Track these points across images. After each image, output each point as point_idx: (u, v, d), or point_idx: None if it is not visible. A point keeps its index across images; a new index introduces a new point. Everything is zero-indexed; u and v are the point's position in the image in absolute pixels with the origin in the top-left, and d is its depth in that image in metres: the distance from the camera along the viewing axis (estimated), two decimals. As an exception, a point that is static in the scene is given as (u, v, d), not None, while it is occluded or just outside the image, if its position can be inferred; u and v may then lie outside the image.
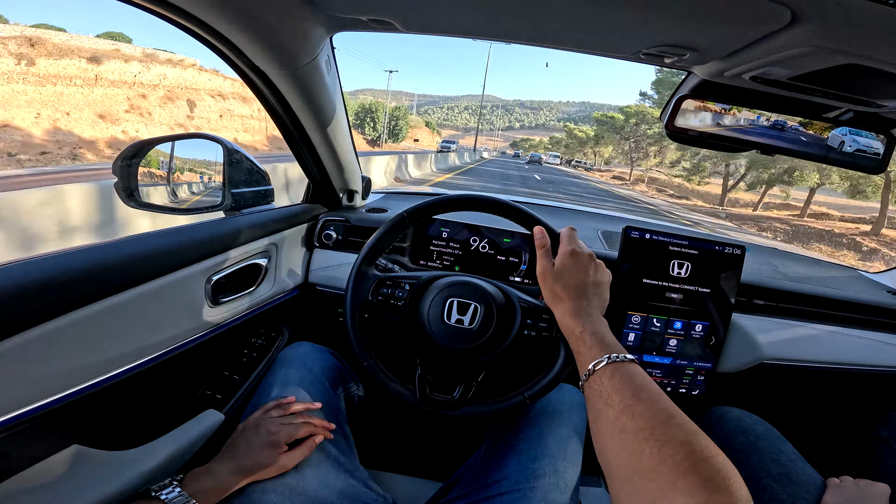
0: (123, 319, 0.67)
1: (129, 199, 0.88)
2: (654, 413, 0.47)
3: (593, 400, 0.54)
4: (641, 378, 0.53)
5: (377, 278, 0.85)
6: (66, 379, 0.60)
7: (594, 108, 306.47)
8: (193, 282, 0.81)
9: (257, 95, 0.92)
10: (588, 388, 0.56)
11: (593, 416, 0.54)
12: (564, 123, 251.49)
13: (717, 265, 1.09)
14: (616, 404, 0.50)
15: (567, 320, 0.66)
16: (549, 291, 0.71)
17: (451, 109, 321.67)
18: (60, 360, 0.59)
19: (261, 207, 1.07)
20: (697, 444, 0.42)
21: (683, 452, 0.41)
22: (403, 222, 0.86)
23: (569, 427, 0.83)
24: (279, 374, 0.85)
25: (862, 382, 1.27)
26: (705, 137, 0.83)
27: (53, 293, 0.57)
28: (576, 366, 0.63)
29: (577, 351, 0.61)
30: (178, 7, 0.62)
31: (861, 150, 0.81)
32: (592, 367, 0.56)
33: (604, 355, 0.56)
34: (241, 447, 0.70)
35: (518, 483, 0.74)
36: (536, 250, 0.75)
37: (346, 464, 0.77)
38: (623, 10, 0.56)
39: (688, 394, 1.14)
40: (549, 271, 0.71)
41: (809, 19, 0.49)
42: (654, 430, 0.45)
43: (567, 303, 0.67)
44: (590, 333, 0.61)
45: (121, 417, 0.75)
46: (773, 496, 0.82)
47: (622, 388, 0.51)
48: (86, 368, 0.63)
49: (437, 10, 0.67)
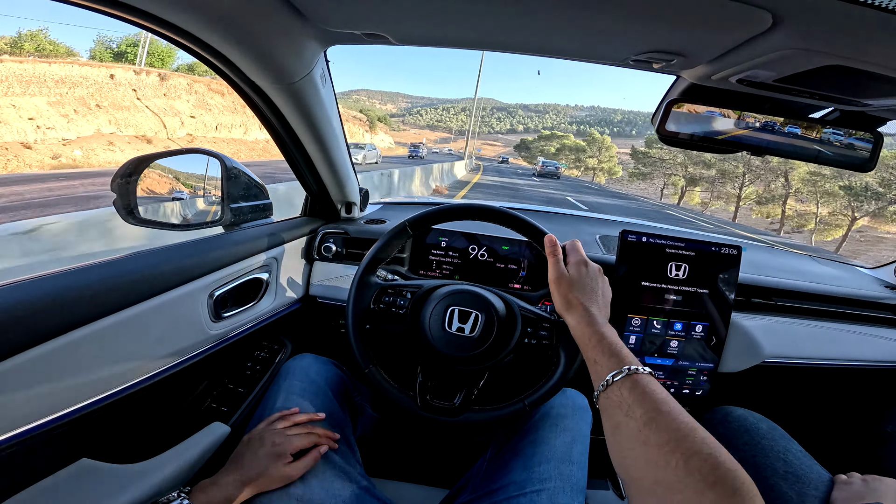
0: (128, 335, 0.68)
1: (129, 216, 0.89)
2: (677, 426, 0.47)
3: (612, 411, 0.54)
4: (661, 390, 0.53)
5: (379, 287, 0.86)
6: (73, 394, 0.61)
7: (605, 113, 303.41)
8: (195, 297, 0.82)
9: (253, 109, 0.94)
10: (606, 398, 0.56)
11: (612, 426, 0.54)
12: (578, 127, 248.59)
13: (715, 266, 1.09)
14: (639, 416, 0.50)
15: (583, 328, 0.66)
16: (562, 298, 0.71)
17: (446, 111, 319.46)
18: (68, 375, 0.60)
19: (260, 221, 1.08)
20: (722, 456, 0.43)
21: (710, 465, 0.43)
22: (405, 231, 0.87)
23: (574, 431, 0.83)
24: (283, 386, 0.86)
25: (864, 378, 1.27)
26: (696, 140, 0.84)
27: (59, 311, 0.58)
28: (577, 371, 0.64)
29: (594, 360, 0.61)
30: (173, 24, 0.64)
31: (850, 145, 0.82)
32: (611, 378, 0.56)
33: (622, 366, 0.56)
34: (247, 459, 0.70)
35: (524, 487, 0.74)
36: (548, 258, 0.76)
37: (351, 473, 0.77)
38: (609, 18, 0.57)
39: (692, 394, 1.15)
40: (564, 278, 0.72)
41: (791, 22, 0.50)
42: (679, 442, 0.45)
43: (582, 311, 0.68)
44: (608, 343, 0.61)
45: (128, 431, 0.76)
46: (781, 495, 0.81)
47: (644, 401, 0.51)
48: (93, 384, 0.64)
49: (428, 24, 0.68)
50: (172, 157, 0.96)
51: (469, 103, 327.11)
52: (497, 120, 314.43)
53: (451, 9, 0.61)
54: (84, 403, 0.63)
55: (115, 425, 0.73)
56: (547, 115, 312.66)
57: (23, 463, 0.57)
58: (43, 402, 0.57)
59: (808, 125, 0.82)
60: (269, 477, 0.69)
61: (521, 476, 0.76)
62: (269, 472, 0.69)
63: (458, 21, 0.65)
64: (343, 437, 0.82)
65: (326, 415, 0.82)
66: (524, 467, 0.77)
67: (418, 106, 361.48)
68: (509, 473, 0.78)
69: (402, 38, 0.75)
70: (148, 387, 0.73)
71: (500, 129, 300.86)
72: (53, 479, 0.61)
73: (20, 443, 0.55)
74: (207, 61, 0.75)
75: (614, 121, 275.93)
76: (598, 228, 1.60)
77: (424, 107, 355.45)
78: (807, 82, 0.67)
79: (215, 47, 0.71)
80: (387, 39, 0.75)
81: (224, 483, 0.66)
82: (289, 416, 0.78)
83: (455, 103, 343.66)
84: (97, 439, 0.69)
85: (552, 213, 1.94)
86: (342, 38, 0.78)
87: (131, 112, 23.62)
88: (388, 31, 0.72)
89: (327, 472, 0.75)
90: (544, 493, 0.73)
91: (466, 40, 0.74)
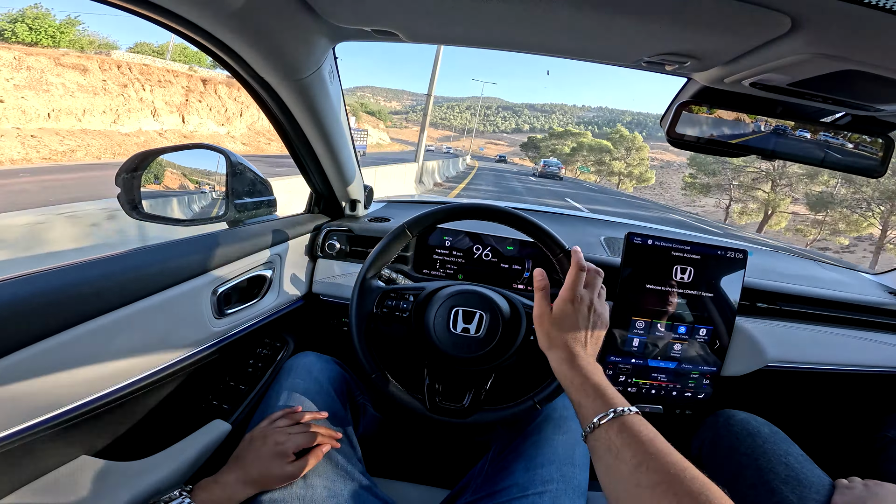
0: (130, 332, 0.68)
1: (133, 210, 0.89)
2: (668, 467, 0.47)
3: (601, 453, 0.54)
4: (648, 430, 0.53)
5: (381, 290, 0.85)
6: (74, 391, 0.61)
7: (613, 114, 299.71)
8: (199, 294, 0.82)
9: (260, 105, 0.93)
10: (594, 440, 0.55)
11: (602, 469, 0.54)
12: (587, 127, 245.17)
13: (720, 269, 1.09)
14: (628, 459, 0.50)
15: (564, 369, 0.64)
16: (544, 335, 0.70)
17: (451, 109, 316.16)
18: (69, 372, 0.59)
19: (263, 218, 1.08)
20: (712, 495, 0.44)
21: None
22: (404, 234, 0.87)
23: (576, 432, 0.83)
24: (285, 384, 0.85)
25: (867, 384, 1.27)
26: (704, 143, 0.84)
27: (61, 307, 0.57)
28: None
29: (578, 402, 0.60)
30: (184, 18, 0.63)
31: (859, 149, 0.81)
32: (597, 421, 0.55)
33: (608, 409, 0.55)
34: (250, 457, 0.70)
35: (527, 489, 0.74)
36: (535, 292, 0.74)
37: (353, 472, 0.77)
38: (625, 20, 0.57)
39: (693, 397, 1.15)
40: (547, 316, 0.70)
41: (810, 26, 0.50)
42: (670, 484, 0.46)
43: (562, 351, 0.66)
44: (591, 385, 0.60)
45: (129, 429, 0.75)
46: (783, 499, 0.81)
47: (633, 444, 0.51)
48: (94, 380, 0.63)
49: (440, 22, 0.67)
50: (178, 153, 0.95)
51: (473, 102, 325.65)
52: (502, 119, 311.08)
53: (463, 7, 0.60)
54: (85, 400, 0.62)
55: (116, 422, 0.72)
56: (553, 115, 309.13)
57: (21, 460, 0.57)
58: (44, 399, 0.57)
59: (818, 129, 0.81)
60: (271, 476, 0.68)
61: (524, 478, 0.76)
62: (272, 470, 0.68)
63: (471, 20, 0.64)
64: (345, 437, 0.82)
65: (329, 413, 0.82)
66: (526, 469, 0.77)
67: (423, 104, 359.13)
68: (511, 475, 0.77)
69: (413, 36, 0.74)
70: (149, 384, 0.73)
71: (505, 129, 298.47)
72: (52, 476, 0.61)
73: (19, 439, 0.55)
74: (216, 56, 0.74)
75: (623, 122, 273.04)
76: (603, 230, 1.59)
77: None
78: (820, 86, 0.66)
79: (226, 42, 0.71)
80: (397, 37, 0.74)
81: (226, 481, 0.66)
82: (291, 414, 0.78)
83: (460, 101, 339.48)
84: (98, 436, 0.69)
85: (557, 214, 1.93)
86: (352, 34, 0.77)
87: None
88: (399, 28, 0.71)
89: (329, 472, 0.74)
90: (546, 495, 0.73)
91: (478, 39, 0.74)
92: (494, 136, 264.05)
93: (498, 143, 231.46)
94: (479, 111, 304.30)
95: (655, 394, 1.15)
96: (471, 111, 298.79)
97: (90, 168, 13.55)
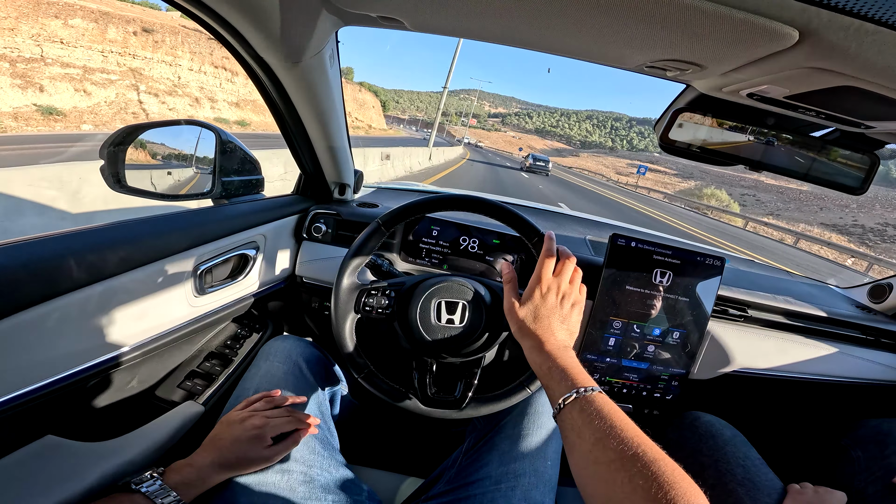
0: (107, 307, 0.65)
1: (117, 184, 0.86)
2: (624, 445, 0.49)
3: (567, 433, 0.55)
4: (609, 408, 0.54)
5: (360, 288, 0.84)
6: (43, 368, 0.59)
7: (605, 117, 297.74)
8: (180, 270, 0.79)
9: (257, 85, 0.91)
10: (560, 420, 0.57)
11: (568, 447, 0.55)
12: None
13: (698, 275, 1.11)
14: (588, 437, 0.52)
15: (534, 356, 0.66)
16: (515, 326, 0.71)
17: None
18: (38, 349, 0.57)
19: (250, 197, 1.05)
20: (663, 471, 0.45)
21: (652, 481, 0.44)
22: (379, 230, 0.85)
23: (550, 428, 0.84)
24: (263, 367, 0.84)
25: (829, 393, 1.31)
26: (694, 150, 0.85)
27: (35, 280, 0.55)
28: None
29: (547, 386, 0.62)
30: None
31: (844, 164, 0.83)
32: (562, 402, 0.57)
33: (571, 390, 0.57)
34: (225, 440, 0.68)
35: (499, 482, 0.75)
36: (503, 284, 0.75)
37: (330, 459, 0.77)
38: (634, 25, 0.56)
39: (662, 398, 1.17)
40: (515, 308, 0.71)
41: (816, 40, 0.50)
42: (623, 461, 0.47)
43: (531, 339, 0.67)
44: (558, 369, 0.61)
45: (99, 409, 0.73)
46: (738, 500, 0.85)
47: (592, 422, 0.53)
48: (64, 357, 0.61)
49: (446, 12, 0.66)
50: (165, 128, 0.92)
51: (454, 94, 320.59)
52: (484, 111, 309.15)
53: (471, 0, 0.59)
54: (53, 379, 0.60)
55: (85, 401, 0.70)
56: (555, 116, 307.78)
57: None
58: (8, 378, 0.55)
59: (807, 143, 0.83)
60: (248, 459, 0.67)
61: (497, 471, 0.77)
62: (248, 454, 0.67)
63: (478, 13, 0.63)
64: (323, 422, 0.82)
65: (307, 398, 0.81)
66: (500, 462, 0.78)
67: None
68: (485, 467, 0.78)
69: (418, 25, 0.72)
70: (121, 362, 0.71)
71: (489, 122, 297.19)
72: (15, 455, 0.59)
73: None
74: (217, 33, 0.72)
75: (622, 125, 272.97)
76: (588, 229, 1.60)
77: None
78: (815, 100, 0.67)
79: (230, 21, 0.68)
80: (402, 24, 0.73)
81: (199, 464, 0.65)
82: (269, 398, 0.77)
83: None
84: (65, 416, 0.67)
85: (542, 210, 1.93)
86: (356, 19, 0.76)
87: None
88: (404, 15, 0.70)
89: (306, 457, 0.74)
90: (518, 489, 0.74)
91: (482, 32, 0.72)
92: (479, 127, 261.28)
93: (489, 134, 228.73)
94: (464, 101, 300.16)
95: (626, 393, 1.17)
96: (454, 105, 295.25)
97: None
